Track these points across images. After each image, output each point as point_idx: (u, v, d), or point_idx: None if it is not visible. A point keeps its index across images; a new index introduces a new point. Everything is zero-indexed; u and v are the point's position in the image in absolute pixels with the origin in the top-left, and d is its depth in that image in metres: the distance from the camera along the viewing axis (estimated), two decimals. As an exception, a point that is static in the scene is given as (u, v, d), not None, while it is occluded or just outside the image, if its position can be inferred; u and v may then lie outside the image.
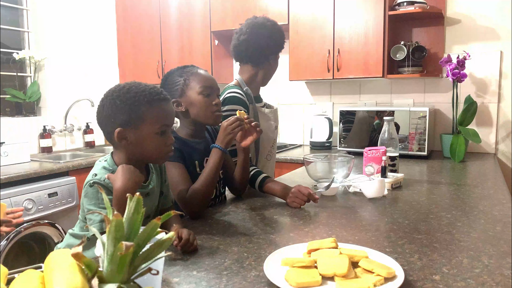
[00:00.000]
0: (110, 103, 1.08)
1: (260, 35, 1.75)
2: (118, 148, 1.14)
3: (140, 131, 1.08)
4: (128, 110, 1.07)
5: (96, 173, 1.11)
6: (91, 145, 3.42)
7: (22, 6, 3.13)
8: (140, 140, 1.09)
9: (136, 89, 1.08)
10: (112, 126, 1.08)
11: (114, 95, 1.08)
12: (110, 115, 1.08)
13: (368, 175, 1.85)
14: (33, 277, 0.61)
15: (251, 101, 1.78)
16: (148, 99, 1.08)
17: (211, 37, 3.27)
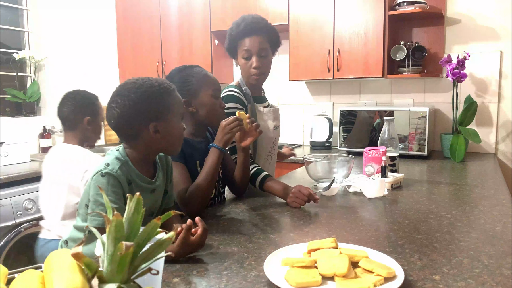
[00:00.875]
0: (134, 102, 1.08)
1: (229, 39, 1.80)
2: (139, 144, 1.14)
3: (168, 122, 1.13)
4: (156, 105, 1.10)
5: (109, 163, 1.09)
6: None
7: (22, 6, 3.13)
8: (169, 130, 1.13)
9: (150, 84, 1.11)
10: (139, 123, 1.10)
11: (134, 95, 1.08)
12: (136, 113, 1.09)
13: (368, 175, 1.85)
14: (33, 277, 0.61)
15: (249, 100, 1.78)
16: (167, 91, 1.13)
17: (211, 37, 3.27)
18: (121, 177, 1.08)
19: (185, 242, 0.98)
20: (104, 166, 1.08)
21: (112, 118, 1.11)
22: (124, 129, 1.12)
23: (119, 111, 1.09)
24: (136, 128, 1.11)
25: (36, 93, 3.08)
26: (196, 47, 3.34)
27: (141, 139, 1.12)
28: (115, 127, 1.13)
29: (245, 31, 1.73)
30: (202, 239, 1.01)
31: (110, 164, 1.09)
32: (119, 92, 1.11)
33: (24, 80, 3.20)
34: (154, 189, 1.18)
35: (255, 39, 1.73)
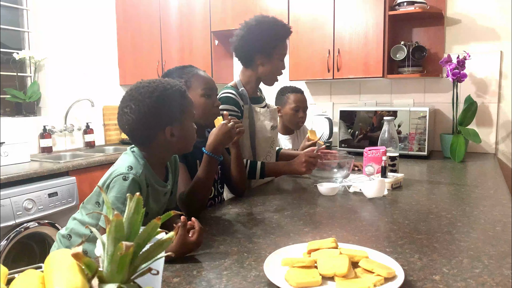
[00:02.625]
0: (149, 107, 1.07)
1: (240, 36, 1.76)
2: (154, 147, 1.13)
3: (183, 125, 1.13)
4: (171, 108, 1.09)
5: (132, 166, 1.08)
6: (91, 145, 3.42)
7: (22, 6, 3.13)
8: (184, 132, 1.14)
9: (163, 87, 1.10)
10: (155, 128, 1.09)
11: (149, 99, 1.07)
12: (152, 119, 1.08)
13: (368, 175, 1.85)
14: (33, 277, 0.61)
15: (246, 101, 1.78)
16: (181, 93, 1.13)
17: (211, 37, 3.27)
18: (143, 181, 1.08)
19: (183, 241, 0.98)
20: (127, 169, 1.07)
21: (126, 124, 1.10)
22: (139, 135, 1.11)
23: (134, 117, 1.08)
24: (151, 134, 1.10)
25: (36, 93, 3.08)
26: (196, 47, 3.34)
27: (156, 143, 1.12)
28: (129, 132, 1.12)
29: (287, 34, 1.79)
30: (199, 237, 1.01)
31: (134, 168, 1.08)
32: (133, 97, 1.09)
33: (24, 80, 3.20)
34: (166, 192, 1.19)
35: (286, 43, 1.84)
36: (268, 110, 1.87)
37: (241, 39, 1.76)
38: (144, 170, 1.10)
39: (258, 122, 1.81)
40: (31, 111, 3.08)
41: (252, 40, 1.73)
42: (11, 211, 2.15)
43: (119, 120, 1.12)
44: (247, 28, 1.74)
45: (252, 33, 1.73)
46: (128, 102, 1.09)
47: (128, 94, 1.11)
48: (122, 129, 1.13)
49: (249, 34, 1.74)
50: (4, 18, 2.99)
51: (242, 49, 1.77)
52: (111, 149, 3.40)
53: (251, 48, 1.75)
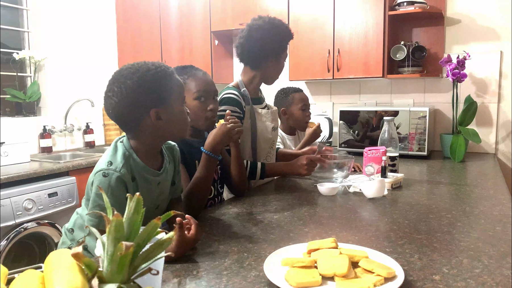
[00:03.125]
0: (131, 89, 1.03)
1: (254, 38, 1.73)
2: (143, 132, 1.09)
3: (170, 107, 1.08)
4: (155, 90, 1.05)
5: (111, 161, 1.05)
6: (91, 145, 3.42)
7: (22, 6, 3.13)
8: (172, 116, 1.09)
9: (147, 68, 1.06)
10: (140, 111, 1.05)
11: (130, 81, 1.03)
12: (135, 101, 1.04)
13: (368, 175, 1.85)
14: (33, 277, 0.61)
15: (248, 102, 1.78)
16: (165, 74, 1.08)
17: (211, 37, 3.27)
18: (126, 175, 1.04)
19: (182, 240, 0.98)
20: (106, 165, 1.04)
21: (110, 108, 1.06)
22: (124, 119, 1.07)
23: (117, 100, 1.05)
24: (136, 117, 1.06)
25: (36, 93, 3.08)
26: (196, 47, 3.34)
27: (144, 128, 1.08)
28: (114, 117, 1.08)
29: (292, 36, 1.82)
30: (197, 233, 1.01)
31: (113, 162, 1.05)
32: (115, 80, 1.06)
33: (24, 80, 3.20)
34: (160, 181, 1.15)
35: None
36: (269, 112, 1.87)
37: (253, 41, 1.73)
38: (128, 162, 1.06)
39: (260, 123, 1.81)
40: (31, 111, 3.08)
41: (267, 42, 1.73)
42: (11, 211, 2.15)
43: (105, 105, 1.08)
44: (260, 30, 1.72)
45: (267, 35, 1.72)
46: (111, 86, 1.06)
47: (112, 77, 1.08)
48: (108, 114, 1.09)
49: (263, 36, 1.72)
50: (4, 18, 2.99)
51: (254, 51, 1.75)
52: (111, 149, 3.40)
53: (264, 51, 1.74)
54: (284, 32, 1.78)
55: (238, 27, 3.09)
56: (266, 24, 1.74)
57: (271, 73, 1.82)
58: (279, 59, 1.80)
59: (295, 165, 1.76)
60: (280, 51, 1.79)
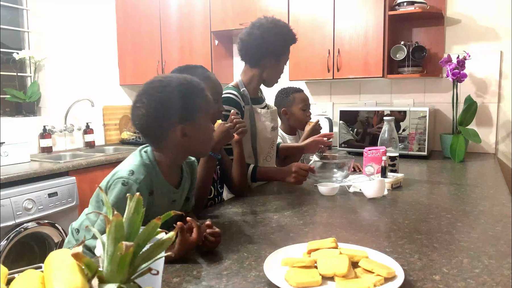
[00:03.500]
0: (160, 102, 1.01)
1: (254, 35, 1.73)
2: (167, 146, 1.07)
3: (197, 124, 1.06)
4: (184, 105, 1.03)
5: (134, 171, 1.02)
6: (91, 145, 3.42)
7: (22, 6, 3.13)
8: (198, 133, 1.07)
9: (178, 82, 1.04)
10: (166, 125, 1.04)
11: (160, 94, 1.02)
12: (163, 115, 1.02)
13: (368, 175, 1.85)
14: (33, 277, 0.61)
15: (247, 102, 1.78)
16: (197, 89, 1.06)
17: (211, 37, 3.27)
18: (143, 188, 1.02)
19: (184, 243, 0.97)
20: (128, 174, 1.02)
21: (137, 119, 1.05)
22: (149, 132, 1.06)
23: (145, 112, 1.03)
24: (162, 131, 1.04)
25: (36, 93, 3.08)
26: (196, 47, 3.34)
27: (168, 142, 1.06)
28: (140, 128, 1.06)
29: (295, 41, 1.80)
30: (199, 236, 1.00)
31: (135, 172, 1.02)
32: (145, 91, 1.04)
33: (24, 80, 3.20)
34: (175, 198, 1.14)
35: None
36: (268, 111, 1.87)
37: (254, 37, 1.72)
38: (149, 175, 1.04)
39: (259, 123, 1.81)
40: (31, 111, 3.08)
41: (267, 40, 1.72)
42: (11, 211, 2.15)
43: (132, 115, 1.07)
44: (262, 28, 1.72)
45: (268, 33, 1.71)
46: (140, 97, 1.04)
47: (142, 88, 1.06)
48: (134, 125, 1.07)
49: (263, 34, 1.71)
50: (4, 18, 2.99)
51: (253, 48, 1.74)
52: (111, 149, 3.40)
53: (263, 48, 1.73)
54: (286, 34, 1.76)
55: (238, 27, 3.09)
56: (269, 23, 1.73)
57: (269, 74, 1.80)
58: (278, 60, 1.78)
59: (285, 172, 1.72)
60: (280, 53, 1.77)
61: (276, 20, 1.75)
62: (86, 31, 3.48)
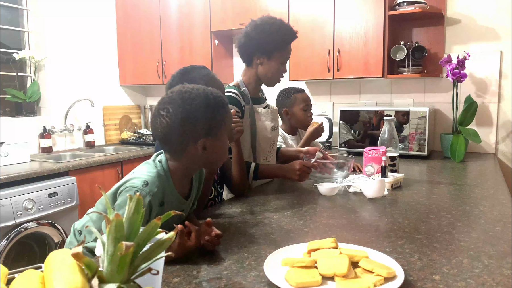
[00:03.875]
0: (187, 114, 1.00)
1: (245, 33, 1.73)
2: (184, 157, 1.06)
3: (218, 139, 1.06)
4: (210, 119, 1.02)
5: (148, 182, 1.01)
6: (91, 145, 3.42)
7: (22, 6, 3.13)
8: (217, 148, 1.06)
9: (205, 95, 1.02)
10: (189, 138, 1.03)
11: (189, 106, 1.00)
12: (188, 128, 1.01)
13: (368, 175, 1.85)
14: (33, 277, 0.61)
15: (248, 101, 1.78)
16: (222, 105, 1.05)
17: (211, 37, 3.27)
18: (155, 200, 1.01)
19: (183, 247, 0.97)
20: (142, 184, 1.00)
21: (159, 128, 1.03)
22: (170, 142, 1.04)
23: (169, 122, 1.01)
24: (183, 143, 1.03)
25: (36, 93, 3.08)
26: (196, 47, 3.34)
27: (187, 153, 1.05)
28: (160, 137, 1.04)
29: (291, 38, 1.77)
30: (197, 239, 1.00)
31: (150, 184, 1.00)
32: (173, 100, 1.02)
33: (24, 80, 3.20)
34: (184, 209, 1.13)
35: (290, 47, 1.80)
36: (269, 111, 1.86)
37: (245, 36, 1.74)
38: (162, 186, 1.03)
39: (259, 122, 1.81)
40: (31, 111, 3.08)
41: (254, 38, 1.72)
42: (11, 211, 2.15)
43: (153, 122, 1.05)
44: (252, 26, 1.72)
45: (255, 32, 1.71)
46: (166, 105, 1.02)
47: (168, 96, 1.04)
48: (153, 133, 1.05)
49: (252, 32, 1.72)
50: (4, 18, 2.99)
51: (244, 47, 1.75)
52: (111, 149, 3.40)
53: (251, 47, 1.73)
54: (277, 32, 1.71)
55: (238, 27, 3.09)
56: (259, 20, 1.73)
57: (264, 73, 1.77)
58: (270, 59, 1.74)
59: (288, 170, 1.73)
60: (271, 50, 1.73)
61: (268, 18, 1.73)
62: (86, 31, 3.48)
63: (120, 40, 3.70)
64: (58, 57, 3.26)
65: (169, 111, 1.01)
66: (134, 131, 3.80)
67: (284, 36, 1.73)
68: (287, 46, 1.77)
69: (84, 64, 3.46)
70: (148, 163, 1.08)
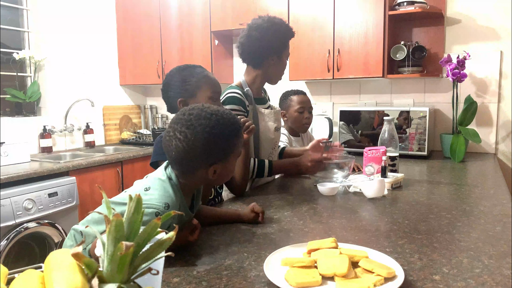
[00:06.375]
0: (204, 141, 1.00)
1: (254, 37, 1.73)
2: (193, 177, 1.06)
3: (228, 164, 1.07)
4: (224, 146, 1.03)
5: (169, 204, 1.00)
6: (91, 145, 3.42)
7: (22, 6, 3.13)
8: (226, 171, 1.07)
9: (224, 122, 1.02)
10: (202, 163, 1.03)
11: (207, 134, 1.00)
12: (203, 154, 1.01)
13: (368, 175, 1.85)
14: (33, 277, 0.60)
15: (251, 102, 1.78)
16: (237, 131, 1.06)
17: (211, 37, 3.27)
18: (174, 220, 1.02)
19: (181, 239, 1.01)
20: (163, 207, 0.98)
21: (174, 150, 1.01)
22: (182, 164, 1.03)
23: (186, 147, 1.00)
24: (195, 167, 1.03)
25: (36, 93, 3.08)
26: (196, 47, 3.34)
27: (196, 175, 1.05)
28: (173, 159, 1.03)
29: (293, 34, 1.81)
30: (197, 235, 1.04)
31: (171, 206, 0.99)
32: (191, 125, 1.00)
33: (24, 80, 3.20)
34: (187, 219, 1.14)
35: None
36: (272, 112, 1.87)
37: (253, 39, 1.73)
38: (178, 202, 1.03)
39: (262, 123, 1.81)
40: (31, 111, 3.08)
41: (266, 41, 1.72)
42: (11, 211, 2.15)
43: (167, 141, 1.03)
44: (259, 29, 1.72)
45: (266, 34, 1.72)
46: (184, 129, 1.00)
47: (186, 119, 1.02)
48: (166, 152, 1.04)
49: (262, 35, 1.71)
50: (4, 18, 2.99)
51: (254, 50, 1.74)
52: (111, 149, 3.40)
53: (264, 49, 1.74)
54: (284, 30, 1.77)
55: (238, 27, 3.09)
56: (265, 22, 1.73)
57: (273, 72, 1.81)
58: (280, 57, 1.79)
59: (300, 163, 1.80)
60: (281, 49, 1.78)
61: (272, 18, 1.75)
62: (86, 31, 3.48)
63: (120, 40, 3.70)
64: (58, 57, 3.26)
65: (187, 136, 1.00)
66: (134, 131, 3.80)
67: (288, 33, 1.79)
68: (288, 42, 1.82)
69: (84, 64, 3.46)
70: (163, 181, 1.05)
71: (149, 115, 3.97)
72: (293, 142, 2.35)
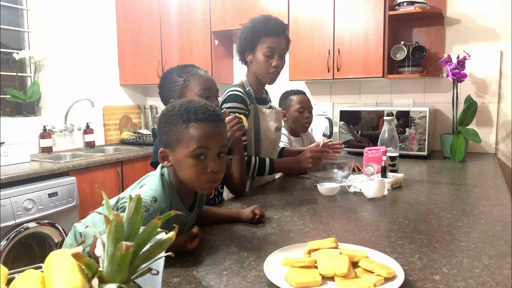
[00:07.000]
0: (159, 122, 1.04)
1: (238, 37, 1.78)
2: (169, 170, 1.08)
3: (176, 154, 1.01)
4: (167, 130, 1.01)
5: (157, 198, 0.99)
6: (91, 145, 3.42)
7: (22, 6, 3.13)
8: (177, 163, 1.02)
9: (180, 107, 1.01)
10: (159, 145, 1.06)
11: (163, 113, 1.03)
12: (158, 134, 1.05)
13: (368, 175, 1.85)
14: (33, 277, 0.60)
15: (252, 101, 1.78)
16: (186, 118, 0.99)
17: (211, 37, 3.27)
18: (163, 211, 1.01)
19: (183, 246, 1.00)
20: (150, 200, 0.97)
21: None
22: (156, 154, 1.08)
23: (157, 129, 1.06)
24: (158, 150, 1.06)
25: (36, 93, 3.08)
26: (196, 47, 3.34)
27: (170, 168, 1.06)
28: None
29: (273, 30, 1.73)
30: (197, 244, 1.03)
31: (158, 201, 0.99)
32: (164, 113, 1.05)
33: (24, 80, 3.20)
34: (188, 221, 1.13)
35: (280, 40, 1.75)
36: (273, 112, 1.87)
37: (238, 38, 1.80)
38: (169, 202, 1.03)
39: (263, 122, 1.81)
40: (31, 111, 3.08)
41: (241, 38, 1.77)
42: (11, 211, 2.15)
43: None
44: (242, 27, 1.79)
45: (243, 31, 1.77)
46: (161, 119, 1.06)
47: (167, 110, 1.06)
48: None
49: (241, 32, 1.78)
50: (4, 18, 2.99)
51: (237, 47, 1.82)
52: (111, 149, 3.40)
53: (241, 46, 1.79)
54: (258, 26, 1.72)
55: (238, 27, 3.08)
56: (250, 21, 1.77)
57: (255, 69, 1.78)
58: (255, 53, 1.75)
59: (301, 159, 1.82)
60: (254, 46, 1.74)
61: (257, 17, 1.76)
62: (86, 31, 3.48)
63: (120, 40, 3.70)
64: (58, 57, 3.26)
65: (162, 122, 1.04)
66: (134, 131, 3.80)
67: (260, 28, 1.72)
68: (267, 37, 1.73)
69: (84, 64, 3.46)
70: (154, 176, 1.06)
71: (149, 115, 3.97)
72: (293, 142, 2.35)
